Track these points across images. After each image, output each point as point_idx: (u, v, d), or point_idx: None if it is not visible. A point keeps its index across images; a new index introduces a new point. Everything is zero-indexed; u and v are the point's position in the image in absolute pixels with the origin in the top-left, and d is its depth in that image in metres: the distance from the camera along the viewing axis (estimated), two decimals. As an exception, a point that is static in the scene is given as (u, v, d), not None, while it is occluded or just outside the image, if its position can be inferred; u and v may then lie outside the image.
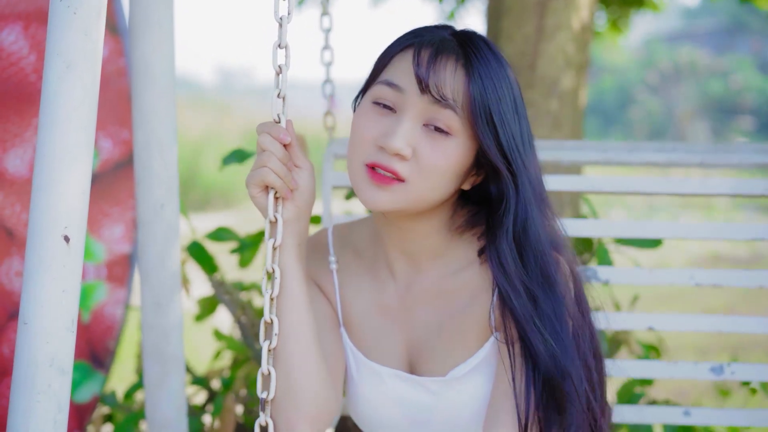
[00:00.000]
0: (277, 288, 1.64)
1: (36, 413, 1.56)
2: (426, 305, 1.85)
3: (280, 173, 1.64)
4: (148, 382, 2.25)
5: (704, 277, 2.31)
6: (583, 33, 3.38)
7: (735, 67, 23.14)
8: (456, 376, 1.81)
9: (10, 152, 3.05)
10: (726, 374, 2.30)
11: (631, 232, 2.36)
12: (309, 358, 1.71)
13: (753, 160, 2.36)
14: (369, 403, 1.89)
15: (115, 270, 3.29)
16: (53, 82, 1.58)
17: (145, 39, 2.07)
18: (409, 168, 1.65)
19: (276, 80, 1.62)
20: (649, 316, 2.33)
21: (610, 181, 2.37)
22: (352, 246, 1.94)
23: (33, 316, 1.56)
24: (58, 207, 1.56)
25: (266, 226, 1.65)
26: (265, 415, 1.60)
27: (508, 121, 1.67)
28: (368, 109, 1.71)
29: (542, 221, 1.74)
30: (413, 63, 1.66)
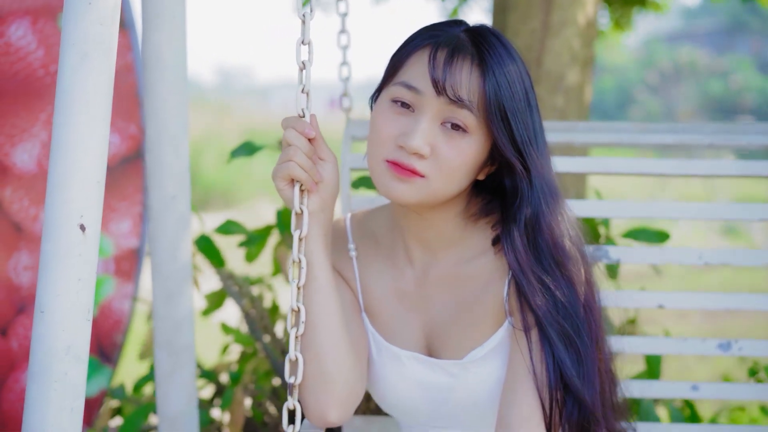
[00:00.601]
0: (303, 277, 1.69)
1: (53, 401, 1.56)
2: (442, 291, 1.89)
3: (306, 167, 1.68)
4: (159, 374, 2.26)
5: (712, 256, 2.32)
6: (588, 29, 3.39)
7: (735, 67, 23.19)
8: (473, 359, 1.85)
9: (18, 147, 3.06)
10: (734, 350, 2.31)
11: (639, 212, 2.37)
12: (339, 344, 1.76)
13: (762, 141, 2.37)
14: (390, 385, 1.94)
15: (123, 264, 3.30)
16: (69, 73, 1.58)
17: (158, 32, 2.08)
18: (428, 165, 1.70)
19: (300, 76, 1.65)
20: (659, 294, 2.34)
21: (618, 163, 2.38)
22: (369, 233, 1.99)
23: (49, 304, 1.56)
24: (73, 196, 1.57)
25: (292, 217, 1.69)
26: (293, 399, 1.64)
27: (522, 116, 1.71)
28: (387, 108, 1.74)
29: (554, 212, 1.78)
30: (429, 66, 1.69)
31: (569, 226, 1.82)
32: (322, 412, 1.77)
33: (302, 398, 1.78)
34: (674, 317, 6.89)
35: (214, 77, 40.93)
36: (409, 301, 1.93)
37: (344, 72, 2.53)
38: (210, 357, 3.86)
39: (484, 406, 1.88)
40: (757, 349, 2.32)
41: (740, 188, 12.49)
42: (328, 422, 1.79)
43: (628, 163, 2.37)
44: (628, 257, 2.35)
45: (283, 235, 2.76)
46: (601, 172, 2.40)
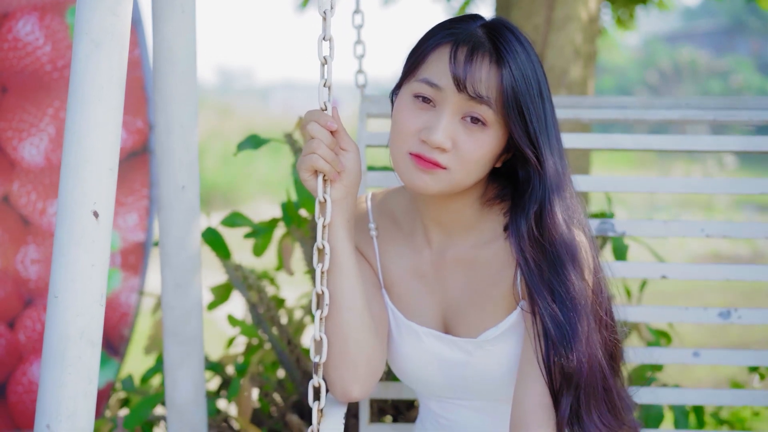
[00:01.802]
0: (327, 262, 1.74)
1: (67, 385, 1.59)
2: (458, 272, 1.96)
3: (328, 158, 1.76)
4: (168, 363, 2.28)
5: (716, 228, 2.37)
6: (591, 24, 3.41)
7: (735, 67, 23.20)
8: (487, 338, 1.93)
9: (25, 141, 3.08)
10: (733, 318, 2.36)
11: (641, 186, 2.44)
12: (362, 325, 1.85)
13: (765, 117, 2.40)
14: (409, 360, 2.02)
15: (130, 258, 3.32)
16: (82, 61, 1.61)
17: (168, 23, 2.10)
18: (449, 158, 1.77)
19: (321, 70, 1.70)
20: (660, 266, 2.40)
21: (623, 140, 2.42)
22: (389, 213, 2.06)
23: (63, 290, 1.59)
24: (87, 183, 1.60)
25: (316, 206, 1.76)
26: (318, 377, 1.70)
27: (537, 109, 1.79)
28: (409, 103, 1.81)
29: (563, 204, 1.84)
30: (450, 64, 1.76)
31: (577, 217, 1.88)
32: (345, 388, 1.87)
33: (327, 376, 1.87)
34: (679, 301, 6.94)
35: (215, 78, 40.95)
36: (426, 280, 2.00)
37: (359, 50, 2.53)
38: (216, 351, 3.88)
39: (498, 381, 1.96)
40: (756, 316, 2.37)
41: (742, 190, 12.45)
42: (351, 397, 1.88)
43: (632, 140, 2.42)
44: (634, 230, 2.40)
45: (288, 228, 2.78)
46: (604, 147, 2.44)
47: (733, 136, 2.39)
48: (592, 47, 3.47)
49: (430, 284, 2.00)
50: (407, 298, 2.02)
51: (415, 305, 2.01)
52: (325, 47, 1.69)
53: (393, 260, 2.03)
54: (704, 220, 2.38)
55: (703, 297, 7.30)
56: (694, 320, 2.39)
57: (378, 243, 2.05)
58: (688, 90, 22.47)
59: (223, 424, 2.72)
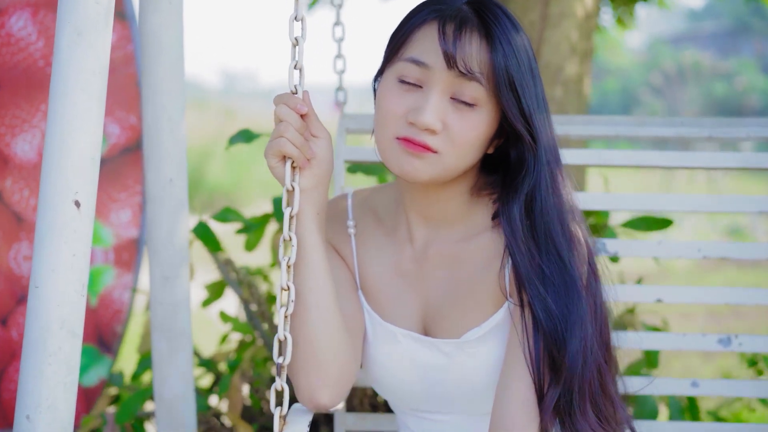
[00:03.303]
0: (294, 255, 1.66)
1: (47, 376, 1.58)
2: (441, 269, 1.87)
3: (297, 143, 1.66)
4: (156, 358, 2.27)
5: (711, 249, 2.29)
6: (587, 21, 3.40)
7: (739, 69, 23.17)
8: (469, 339, 1.83)
9: (18, 137, 3.07)
10: (734, 345, 2.28)
11: (641, 204, 2.35)
12: (331, 325, 1.75)
13: (762, 134, 2.35)
14: (384, 364, 1.92)
15: (123, 255, 3.31)
16: (64, 50, 1.60)
17: (155, 13, 2.09)
18: (440, 141, 1.69)
19: (293, 52, 1.63)
20: (658, 288, 2.32)
21: (618, 155, 2.35)
22: (372, 211, 1.98)
23: (44, 280, 1.58)
24: (69, 173, 1.59)
25: (283, 195, 1.67)
26: (281, 380, 1.61)
27: (528, 86, 1.70)
28: (393, 85, 1.73)
29: (556, 187, 1.77)
30: (440, 39, 1.67)
31: (571, 202, 1.81)
32: (312, 393, 1.76)
33: (293, 380, 1.77)
34: (677, 317, 6.85)
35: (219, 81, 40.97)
36: (407, 279, 1.91)
37: (339, 65, 2.52)
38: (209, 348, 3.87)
39: (479, 388, 1.86)
40: (757, 344, 2.30)
41: (744, 188, 12.47)
42: (319, 405, 1.78)
43: (625, 155, 2.35)
44: (626, 251, 2.33)
45: (280, 222, 2.77)
46: (599, 164, 2.38)
47: (730, 153, 2.34)
48: (588, 44, 3.45)
49: (411, 283, 1.90)
50: (385, 299, 1.92)
51: (394, 306, 1.91)
52: (296, 27, 1.63)
53: (372, 259, 1.94)
54: (700, 240, 2.30)
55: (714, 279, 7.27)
56: (692, 347, 2.30)
57: (356, 241, 1.96)
58: (692, 92, 22.44)
59: (214, 420, 2.71)
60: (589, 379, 1.72)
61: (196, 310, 3.08)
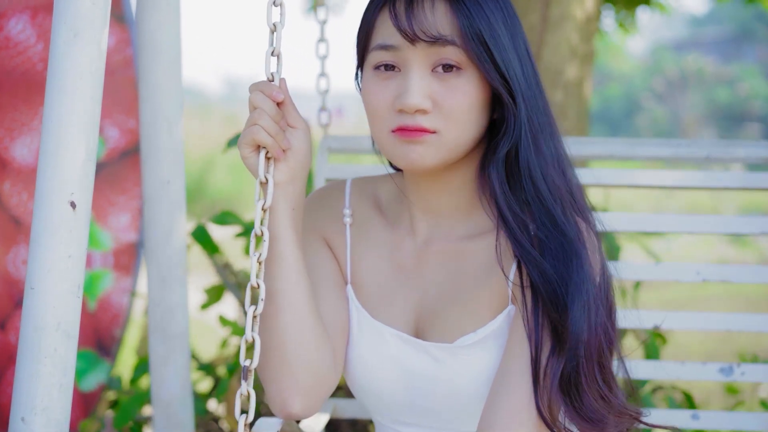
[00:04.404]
0: (265, 251, 1.53)
1: (42, 377, 1.56)
2: (442, 267, 1.76)
3: (272, 131, 1.56)
4: (154, 360, 2.26)
5: (711, 272, 2.26)
6: (587, 24, 3.40)
7: (742, 74, 23.16)
8: (463, 344, 1.70)
9: (17, 141, 3.07)
10: (736, 375, 2.23)
11: (641, 225, 2.32)
12: (304, 328, 1.65)
13: (760, 154, 2.30)
14: (367, 366, 1.79)
15: (122, 258, 3.31)
16: (60, 51, 1.59)
17: (152, 13, 2.08)
18: (434, 119, 1.60)
19: (270, 38, 1.56)
20: (653, 314, 2.28)
21: (616, 175, 2.33)
22: (373, 200, 1.87)
23: (40, 280, 1.57)
24: (64, 173, 1.57)
25: (256, 187, 1.56)
26: (247, 385, 1.49)
27: (501, 41, 1.60)
28: (372, 78, 1.65)
29: (538, 145, 1.65)
30: (391, 19, 1.61)
31: (563, 166, 1.71)
32: (284, 401, 1.67)
33: (264, 386, 1.69)
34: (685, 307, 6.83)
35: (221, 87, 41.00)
36: (404, 275, 1.79)
37: (323, 84, 2.49)
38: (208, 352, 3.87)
39: (467, 401, 1.72)
40: (760, 373, 2.25)
41: (749, 197, 12.40)
42: (291, 413, 1.68)
43: (625, 174, 2.33)
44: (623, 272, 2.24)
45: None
46: (597, 184, 2.36)
47: (731, 172, 2.31)
48: (589, 47, 3.45)
49: (408, 279, 1.78)
50: (378, 295, 1.80)
51: (386, 303, 1.79)
52: (275, 13, 1.55)
53: (368, 251, 1.82)
54: (700, 264, 2.26)
55: (709, 304, 7.22)
56: (692, 377, 2.25)
57: (351, 232, 1.84)
58: (694, 98, 22.44)
59: (212, 424, 2.70)
60: (596, 344, 1.60)
61: (196, 314, 3.07)
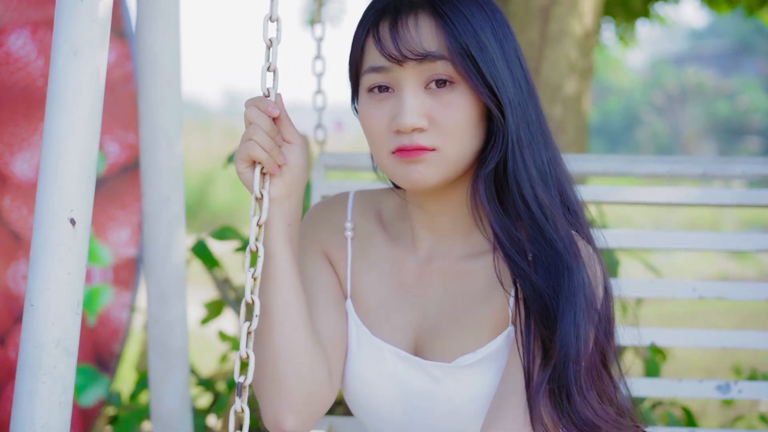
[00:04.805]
0: (260, 267, 1.51)
1: (42, 394, 1.56)
2: (443, 285, 1.75)
3: (267, 147, 1.56)
4: (153, 376, 2.26)
5: (707, 289, 2.26)
6: (586, 39, 3.41)
7: (741, 88, 23.20)
8: (462, 364, 1.68)
9: (17, 156, 3.07)
10: (733, 392, 2.22)
11: (640, 242, 2.32)
12: (298, 344, 1.64)
13: (756, 171, 2.31)
14: (365, 382, 1.77)
15: (121, 274, 3.31)
16: (60, 68, 1.59)
17: (151, 30, 2.09)
18: (432, 136, 1.59)
19: (266, 53, 1.56)
20: (652, 330, 2.28)
21: (614, 192, 2.33)
22: (376, 213, 1.86)
23: (39, 297, 1.57)
24: (64, 190, 1.58)
25: (252, 202, 1.55)
26: (241, 401, 1.47)
27: (490, 52, 1.59)
28: (367, 101, 1.65)
29: (524, 158, 1.62)
30: (375, 43, 1.61)
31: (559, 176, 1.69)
32: (276, 417, 1.65)
33: (258, 402, 1.68)
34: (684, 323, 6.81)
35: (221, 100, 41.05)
36: (404, 292, 1.77)
37: (319, 101, 2.50)
38: (208, 367, 3.86)
39: (465, 422, 1.70)
40: (757, 391, 2.23)
41: (750, 211, 12.38)
42: (283, 430, 1.66)
43: (622, 191, 2.33)
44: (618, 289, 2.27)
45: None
46: (595, 201, 2.36)
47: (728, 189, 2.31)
48: (587, 62, 3.46)
49: (408, 296, 1.76)
50: (378, 311, 1.78)
51: (386, 319, 1.77)
52: (271, 28, 1.56)
53: (369, 266, 1.80)
54: (696, 280, 2.26)
55: (710, 319, 7.20)
56: (689, 394, 2.24)
57: (352, 246, 1.82)
58: (694, 111, 22.47)
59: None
60: (588, 359, 1.59)
61: (195, 329, 3.07)
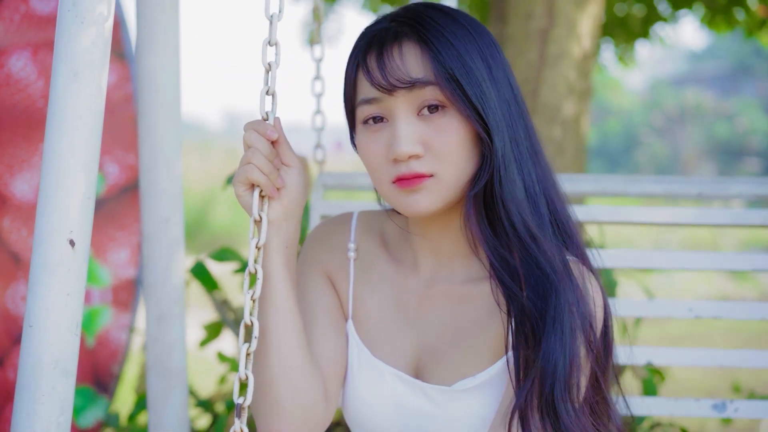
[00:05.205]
0: (258, 289, 1.54)
1: (40, 415, 1.56)
2: (444, 308, 1.76)
3: (265, 170, 1.58)
4: (151, 397, 2.26)
5: (703, 309, 2.26)
6: (585, 61, 3.42)
7: (740, 109, 23.24)
8: (462, 388, 1.69)
9: (17, 177, 3.08)
10: (729, 411, 2.22)
11: (640, 262, 2.32)
12: (294, 365, 1.65)
13: (752, 191, 2.32)
14: (365, 403, 1.78)
15: (121, 294, 3.31)
16: (60, 89, 1.60)
17: (151, 53, 2.10)
18: (428, 162, 1.61)
19: (265, 77, 1.58)
20: (649, 349, 2.28)
21: (610, 211, 2.34)
22: (379, 235, 1.87)
23: (38, 318, 1.57)
24: (63, 212, 1.58)
25: (251, 225, 1.57)
26: (241, 422, 1.49)
27: (476, 75, 1.61)
28: (364, 133, 1.67)
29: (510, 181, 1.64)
30: (364, 75, 1.64)
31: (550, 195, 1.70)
32: None
33: (255, 422, 1.69)
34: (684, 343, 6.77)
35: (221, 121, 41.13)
36: (406, 314, 1.78)
37: (318, 122, 2.51)
38: (207, 389, 3.86)
39: None
40: (754, 410, 2.24)
41: (749, 234, 12.38)
42: None
43: (619, 211, 2.34)
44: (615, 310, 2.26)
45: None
46: (592, 221, 2.35)
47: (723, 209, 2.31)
48: (586, 84, 3.47)
49: (410, 318, 1.77)
50: (379, 333, 1.79)
51: (387, 341, 1.78)
52: (270, 53, 1.57)
53: (371, 288, 1.81)
54: (691, 300, 2.27)
55: (708, 338, 7.19)
56: (685, 413, 2.24)
57: (355, 267, 1.83)
58: (693, 133, 22.50)
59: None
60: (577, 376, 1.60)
61: (194, 350, 3.07)
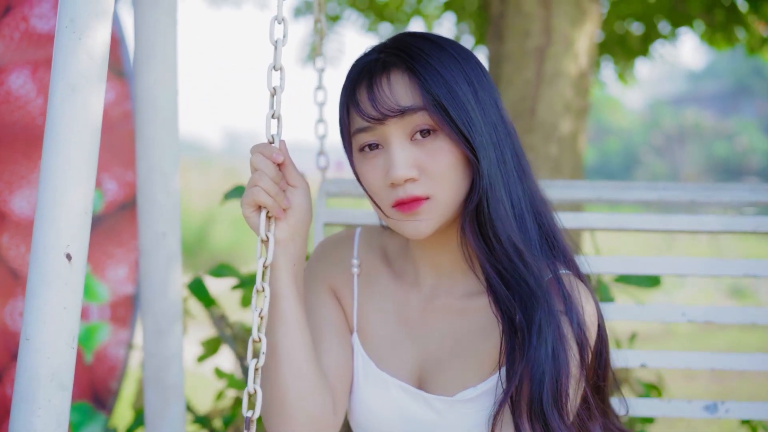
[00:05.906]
0: (266, 306, 1.60)
1: (36, 428, 1.57)
2: (445, 322, 1.82)
3: (271, 192, 1.63)
4: (149, 412, 2.26)
5: (696, 313, 2.28)
6: (581, 79, 3.44)
7: (740, 129, 23.29)
8: (463, 398, 1.76)
9: (16, 194, 3.09)
10: (720, 412, 2.24)
11: (641, 269, 2.34)
12: (304, 380, 1.71)
13: (744, 198, 2.33)
14: (371, 412, 1.85)
15: (119, 311, 3.31)
16: (58, 105, 1.61)
17: (149, 69, 2.12)
18: (424, 185, 1.67)
19: (270, 101, 1.62)
20: (642, 353, 2.29)
21: (602, 219, 2.35)
22: (381, 250, 1.94)
23: (35, 332, 1.58)
24: (60, 225, 1.59)
25: (258, 245, 1.62)
26: None
27: (461, 100, 1.68)
28: (361, 161, 1.74)
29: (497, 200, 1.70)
30: (355, 108, 1.70)
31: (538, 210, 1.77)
32: None
33: None
34: (681, 378, 6.75)
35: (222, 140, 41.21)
36: (409, 327, 1.85)
37: (321, 130, 2.53)
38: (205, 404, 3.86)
39: None
40: (745, 411, 2.25)
41: (748, 249, 12.38)
42: None
43: (611, 218, 2.35)
44: (609, 314, 2.29)
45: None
46: (585, 227, 2.37)
47: (715, 215, 2.32)
48: (583, 102, 3.48)
49: (412, 332, 1.84)
50: (383, 345, 1.86)
51: (391, 354, 1.85)
52: (275, 77, 1.62)
53: (375, 302, 1.88)
54: (685, 305, 2.29)
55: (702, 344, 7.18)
56: (677, 414, 2.26)
57: (359, 282, 1.91)
58: (693, 152, 22.53)
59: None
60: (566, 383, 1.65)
61: (191, 366, 3.07)
